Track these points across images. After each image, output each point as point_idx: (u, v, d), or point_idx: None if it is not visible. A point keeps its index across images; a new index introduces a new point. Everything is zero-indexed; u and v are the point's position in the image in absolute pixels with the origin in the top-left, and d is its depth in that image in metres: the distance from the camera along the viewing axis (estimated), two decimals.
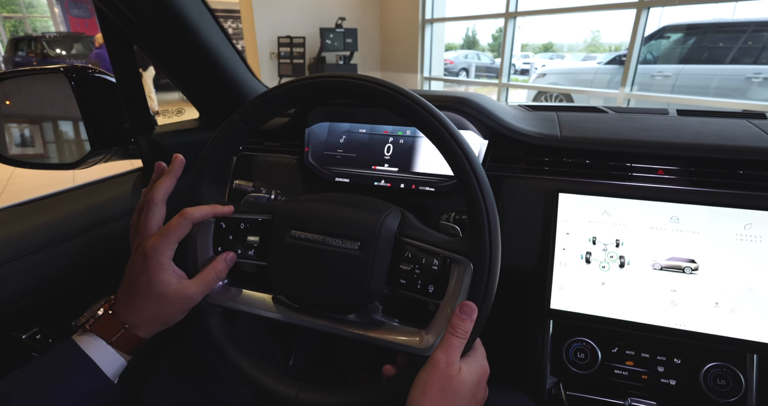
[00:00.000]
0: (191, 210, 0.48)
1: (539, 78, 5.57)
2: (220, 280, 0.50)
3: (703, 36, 4.26)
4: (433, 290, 0.44)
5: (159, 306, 0.46)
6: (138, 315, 0.46)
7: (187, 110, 0.90)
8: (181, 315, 0.48)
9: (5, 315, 0.52)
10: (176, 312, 0.47)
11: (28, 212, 0.60)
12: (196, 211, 0.48)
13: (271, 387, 0.47)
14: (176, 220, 0.47)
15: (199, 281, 0.48)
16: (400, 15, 6.38)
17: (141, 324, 0.46)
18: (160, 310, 0.46)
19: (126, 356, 0.46)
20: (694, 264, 0.55)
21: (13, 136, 0.75)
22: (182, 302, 0.46)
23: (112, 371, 0.44)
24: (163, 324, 0.47)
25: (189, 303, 0.47)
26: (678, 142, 0.61)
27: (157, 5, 0.58)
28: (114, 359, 0.45)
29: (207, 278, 0.48)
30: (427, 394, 0.39)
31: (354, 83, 0.44)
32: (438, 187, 0.68)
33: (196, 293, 0.47)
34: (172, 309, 0.46)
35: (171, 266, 0.46)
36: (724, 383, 0.54)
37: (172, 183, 0.49)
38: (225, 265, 0.50)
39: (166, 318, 0.47)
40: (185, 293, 0.46)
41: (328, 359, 0.97)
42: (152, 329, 0.47)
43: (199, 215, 0.48)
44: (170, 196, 0.51)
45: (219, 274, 0.49)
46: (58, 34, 9.44)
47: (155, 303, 0.46)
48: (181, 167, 0.50)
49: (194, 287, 0.47)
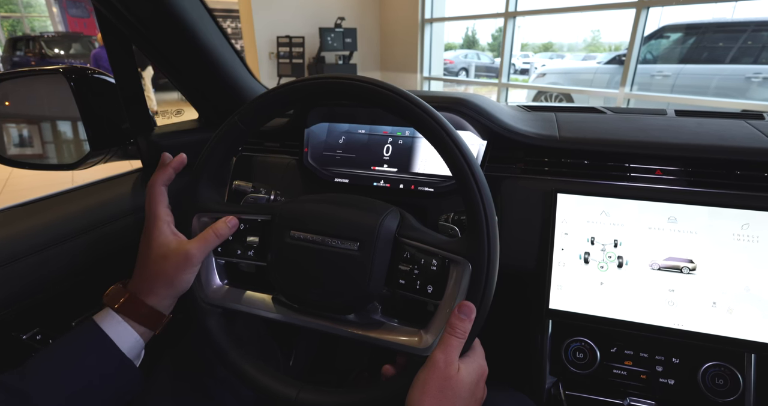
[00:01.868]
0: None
1: (539, 78, 5.58)
2: (220, 240, 0.50)
3: (702, 36, 4.26)
4: (432, 290, 0.45)
5: (160, 265, 0.47)
6: (141, 279, 0.48)
7: (187, 111, 0.90)
8: (185, 277, 0.48)
9: (5, 316, 0.52)
10: (178, 272, 0.47)
11: (29, 213, 0.60)
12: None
13: (271, 387, 0.47)
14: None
15: (199, 238, 0.49)
16: (399, 14, 6.38)
17: (145, 288, 0.47)
18: (161, 269, 0.47)
19: (140, 328, 0.47)
20: (692, 264, 0.56)
21: (12, 137, 0.75)
22: (183, 259, 0.47)
23: (126, 345, 0.45)
24: (168, 287, 0.47)
25: (190, 262, 0.47)
26: (676, 142, 0.61)
27: (155, 5, 0.58)
28: (125, 331, 0.45)
29: (206, 236, 0.49)
30: (426, 394, 0.39)
31: (352, 84, 0.44)
32: (437, 187, 0.68)
33: (196, 250, 0.48)
34: (174, 269, 0.47)
35: (170, 228, 0.49)
36: (723, 383, 0.55)
37: (171, 174, 0.53)
38: (225, 226, 0.50)
39: (169, 279, 0.47)
40: (184, 249, 0.47)
41: (327, 360, 0.97)
42: (159, 294, 0.47)
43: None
44: (170, 196, 0.52)
45: (218, 233, 0.49)
46: (56, 34, 9.43)
47: (157, 263, 0.47)
48: (181, 165, 0.53)
49: (194, 244, 0.48)
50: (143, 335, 0.47)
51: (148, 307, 0.47)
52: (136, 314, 0.47)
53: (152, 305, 0.47)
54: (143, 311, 0.47)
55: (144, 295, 0.47)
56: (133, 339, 0.46)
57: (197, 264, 0.49)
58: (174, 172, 0.53)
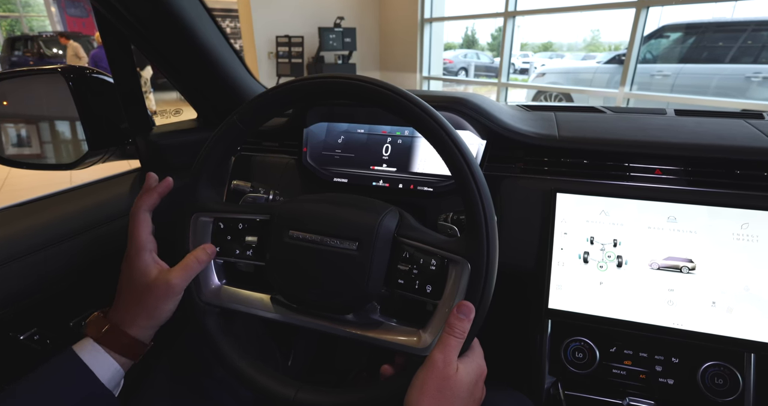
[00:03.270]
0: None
1: (539, 77, 5.57)
2: (201, 267, 0.49)
3: (702, 35, 4.26)
4: (430, 290, 0.45)
5: (142, 295, 0.46)
6: (123, 309, 0.47)
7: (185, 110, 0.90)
8: (167, 307, 0.47)
9: (3, 316, 0.52)
10: (159, 302, 0.46)
11: (27, 213, 0.59)
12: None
13: (270, 387, 0.47)
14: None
15: (180, 267, 0.48)
16: (399, 14, 6.37)
17: (127, 319, 0.46)
18: (143, 299, 0.46)
19: (120, 358, 0.46)
20: (692, 264, 0.56)
21: (10, 137, 0.75)
22: (164, 290, 0.46)
23: (106, 376, 0.44)
24: (150, 318, 0.47)
25: (171, 291, 0.47)
26: (675, 142, 0.61)
27: (154, 5, 0.58)
28: (106, 362, 0.44)
29: (187, 264, 0.48)
30: (425, 393, 0.39)
31: (352, 84, 0.44)
32: (436, 187, 0.68)
33: (178, 280, 0.47)
34: (155, 299, 0.46)
35: (152, 257, 0.48)
36: (722, 382, 0.55)
37: (156, 200, 0.51)
38: (204, 253, 0.49)
39: (150, 310, 0.46)
40: (165, 280, 0.46)
41: (326, 360, 0.97)
42: (141, 325, 0.47)
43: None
44: (170, 196, 0.52)
45: (199, 260, 0.49)
46: (54, 34, 9.41)
47: (138, 293, 0.46)
48: (167, 189, 0.52)
49: (175, 273, 0.47)
50: (123, 365, 0.46)
51: (130, 337, 0.46)
52: (118, 345, 0.45)
53: (134, 335, 0.46)
54: (125, 341, 0.46)
55: (126, 326, 0.46)
56: (113, 369, 0.45)
57: (179, 293, 0.48)
58: (159, 198, 0.51)
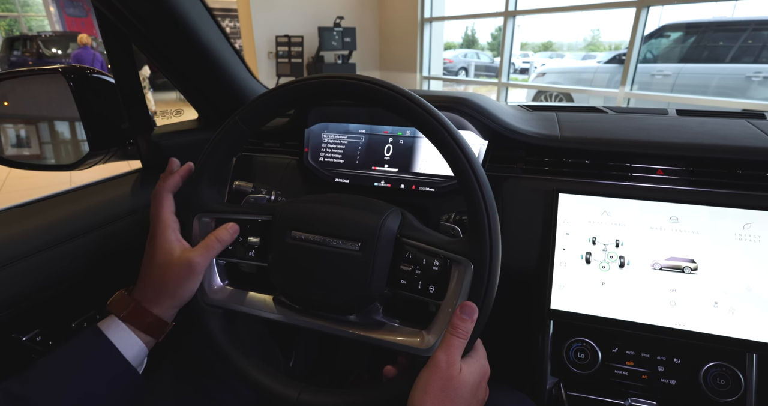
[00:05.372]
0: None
1: (539, 77, 5.57)
2: (222, 247, 0.50)
3: (702, 35, 4.26)
4: (433, 290, 0.44)
5: (165, 274, 0.47)
6: (146, 287, 0.48)
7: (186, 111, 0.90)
8: (189, 286, 0.48)
9: (5, 317, 0.52)
10: (182, 281, 0.47)
11: (29, 214, 0.59)
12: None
13: (273, 388, 0.47)
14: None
15: (202, 246, 0.49)
16: (398, 14, 6.37)
17: (151, 297, 0.47)
18: (166, 278, 0.47)
19: (144, 337, 0.47)
20: (694, 264, 0.56)
21: (10, 137, 0.75)
22: (186, 268, 0.47)
23: (130, 353, 0.45)
24: (172, 297, 0.48)
25: (193, 270, 0.48)
26: (677, 142, 0.61)
27: (154, 4, 0.58)
28: (131, 340, 0.46)
29: (208, 244, 0.49)
30: (428, 394, 0.39)
31: (353, 84, 0.44)
32: (438, 187, 0.68)
33: (199, 259, 0.48)
34: (177, 277, 0.47)
35: (175, 235, 0.49)
36: (724, 383, 0.55)
37: (179, 182, 0.53)
38: (227, 232, 0.50)
39: (173, 288, 0.47)
40: (187, 258, 0.47)
41: (328, 361, 0.97)
42: (163, 304, 0.48)
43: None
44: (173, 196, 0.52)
45: (221, 239, 0.50)
46: (53, 34, 9.40)
47: (162, 272, 0.47)
48: (188, 173, 0.54)
49: (197, 252, 0.48)
50: (147, 343, 0.47)
51: (154, 316, 0.47)
52: (142, 323, 0.47)
53: (157, 314, 0.47)
54: (149, 320, 0.47)
55: (149, 304, 0.47)
56: (137, 347, 0.46)
57: (201, 272, 0.49)
58: (181, 180, 0.53)
